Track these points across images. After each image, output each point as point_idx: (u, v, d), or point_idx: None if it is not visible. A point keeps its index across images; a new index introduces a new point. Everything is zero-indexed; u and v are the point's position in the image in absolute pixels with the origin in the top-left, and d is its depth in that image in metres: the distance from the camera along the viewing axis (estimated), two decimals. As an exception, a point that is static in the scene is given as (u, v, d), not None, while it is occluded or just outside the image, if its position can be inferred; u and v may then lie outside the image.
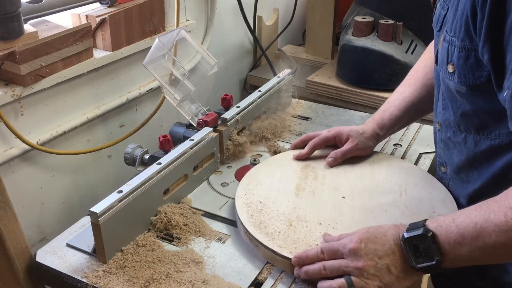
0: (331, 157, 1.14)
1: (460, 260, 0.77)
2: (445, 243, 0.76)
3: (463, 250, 0.75)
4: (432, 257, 0.77)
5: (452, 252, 0.76)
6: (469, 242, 0.74)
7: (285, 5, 2.22)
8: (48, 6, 1.26)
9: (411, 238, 0.78)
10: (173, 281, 0.88)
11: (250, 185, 1.08)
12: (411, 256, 0.79)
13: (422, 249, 0.77)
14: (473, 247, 0.74)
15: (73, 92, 1.30)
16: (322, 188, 1.06)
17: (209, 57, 1.25)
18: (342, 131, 1.16)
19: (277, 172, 1.12)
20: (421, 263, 0.78)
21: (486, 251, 0.74)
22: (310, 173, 1.11)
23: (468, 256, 0.76)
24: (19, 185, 1.22)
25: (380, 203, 1.02)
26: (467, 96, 0.85)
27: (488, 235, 0.73)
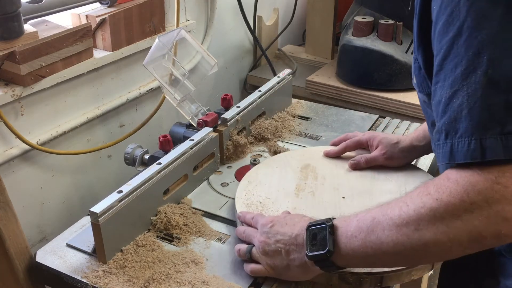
0: (355, 160, 1.13)
1: (353, 256, 0.77)
2: (342, 236, 0.77)
3: (357, 243, 0.76)
4: (325, 246, 0.77)
5: (346, 245, 0.77)
6: (364, 235, 0.75)
7: (285, 5, 2.22)
8: (48, 6, 1.26)
9: (313, 227, 0.81)
10: (173, 281, 0.88)
11: (250, 185, 1.08)
12: (308, 244, 0.80)
13: (319, 238, 0.79)
14: (367, 241, 0.75)
15: (73, 92, 1.30)
16: (322, 189, 1.06)
17: (209, 57, 1.25)
18: (376, 137, 1.14)
19: (277, 172, 1.12)
20: (314, 251, 0.79)
21: (378, 247, 0.74)
22: (310, 174, 1.11)
23: (361, 252, 0.75)
24: (19, 185, 1.22)
25: (380, 202, 1.00)
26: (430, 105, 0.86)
27: (382, 229, 0.73)
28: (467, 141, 0.67)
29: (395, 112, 1.69)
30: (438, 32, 0.71)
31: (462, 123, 0.67)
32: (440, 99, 0.71)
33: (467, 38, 0.67)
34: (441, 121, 0.71)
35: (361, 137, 1.16)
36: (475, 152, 0.66)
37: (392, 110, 1.70)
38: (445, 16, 0.70)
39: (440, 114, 0.71)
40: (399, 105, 1.69)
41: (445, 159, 0.70)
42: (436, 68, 0.72)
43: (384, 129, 1.38)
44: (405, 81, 1.72)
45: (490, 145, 0.65)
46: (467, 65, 0.67)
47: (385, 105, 1.72)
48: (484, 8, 0.66)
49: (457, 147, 0.68)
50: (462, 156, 0.67)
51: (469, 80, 0.67)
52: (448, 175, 0.70)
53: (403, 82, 1.72)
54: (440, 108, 0.71)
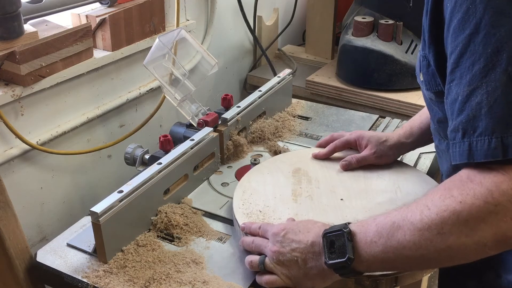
0: (346, 161, 1.12)
1: (374, 262, 0.75)
2: (362, 242, 0.76)
3: (377, 249, 0.74)
4: (345, 254, 0.76)
5: (366, 251, 0.75)
6: (384, 241, 0.73)
7: (285, 5, 2.22)
8: (48, 6, 1.26)
9: (330, 234, 0.79)
10: (174, 281, 0.88)
11: (245, 194, 1.05)
12: (326, 252, 0.78)
13: (337, 246, 0.77)
14: (387, 246, 0.73)
15: (73, 92, 1.30)
16: (318, 192, 1.05)
17: (209, 57, 1.25)
18: (364, 136, 1.13)
19: (269, 179, 1.10)
20: (333, 259, 0.77)
21: (399, 251, 0.72)
22: (302, 177, 1.10)
23: (382, 257, 0.74)
24: (19, 185, 1.21)
25: (378, 202, 1.02)
26: (438, 103, 0.86)
27: (403, 233, 0.72)
28: (487, 139, 0.66)
29: (395, 112, 1.69)
30: (453, 30, 0.71)
31: (482, 121, 0.66)
32: (456, 97, 0.70)
33: (485, 36, 0.66)
34: (458, 120, 0.70)
35: (349, 137, 1.16)
36: (496, 150, 0.65)
37: (392, 110, 1.70)
38: (461, 13, 0.69)
39: (456, 112, 0.70)
40: (399, 105, 1.69)
41: (463, 158, 0.69)
42: (451, 66, 0.72)
43: (384, 129, 1.38)
44: (405, 81, 1.72)
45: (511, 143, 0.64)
46: (485, 62, 0.66)
47: (385, 105, 1.72)
48: (502, 4, 0.66)
49: (476, 145, 0.67)
50: (482, 155, 0.66)
51: (488, 78, 0.66)
52: (470, 176, 0.69)
53: (403, 82, 1.72)
54: (456, 107, 0.70)
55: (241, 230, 0.95)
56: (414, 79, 1.67)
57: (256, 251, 0.89)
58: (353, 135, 1.15)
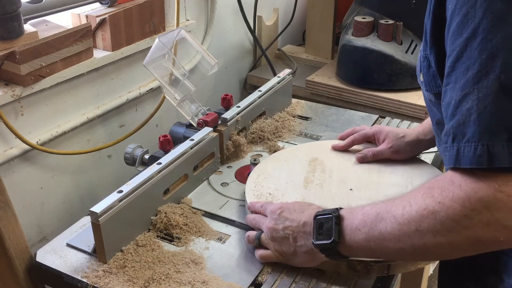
0: (362, 154, 1.14)
1: (357, 248, 0.79)
2: (347, 228, 0.80)
3: (360, 236, 0.78)
4: (330, 236, 0.80)
5: (351, 236, 0.79)
6: (367, 229, 0.77)
7: (285, 5, 2.22)
8: (48, 6, 1.26)
9: (320, 216, 0.83)
10: (173, 281, 0.88)
11: (259, 177, 1.09)
12: (315, 232, 0.82)
13: (325, 228, 0.81)
14: (370, 235, 0.77)
15: (73, 92, 1.30)
16: (330, 181, 1.07)
17: (209, 57, 1.25)
18: (382, 130, 1.15)
19: (285, 165, 1.14)
20: (320, 240, 0.81)
21: (380, 242, 0.76)
22: (318, 167, 1.13)
23: (365, 245, 0.78)
24: (19, 185, 1.22)
25: (386, 194, 1.03)
26: (437, 104, 0.85)
27: (385, 225, 0.75)
28: (474, 146, 0.66)
29: (395, 112, 1.69)
30: (452, 33, 0.70)
31: (470, 127, 0.67)
32: (450, 101, 0.70)
33: (482, 41, 0.66)
34: (450, 124, 0.70)
35: (368, 131, 1.18)
36: (481, 158, 0.65)
37: (392, 110, 1.70)
38: (460, 16, 0.69)
39: (449, 116, 0.71)
40: (399, 105, 1.69)
41: (451, 163, 0.69)
42: (447, 69, 0.72)
43: (384, 129, 1.38)
44: (405, 81, 1.72)
45: (497, 152, 0.64)
46: (479, 68, 0.66)
47: (385, 105, 1.72)
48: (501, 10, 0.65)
49: (463, 151, 0.67)
50: (467, 161, 0.67)
51: (481, 84, 0.66)
52: (453, 178, 0.70)
53: (403, 82, 1.72)
54: (449, 111, 0.71)
55: (248, 208, 1.00)
56: (414, 79, 1.68)
57: (256, 227, 0.94)
58: (372, 129, 1.18)
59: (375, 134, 1.16)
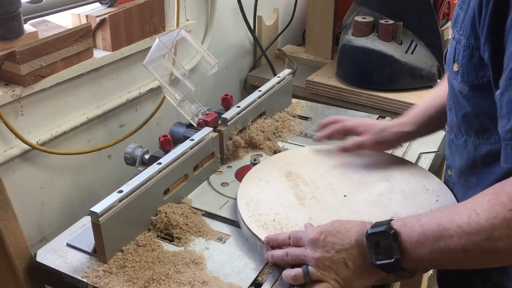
0: (345, 144, 1.13)
1: (421, 261, 0.76)
2: (407, 242, 0.76)
3: (424, 250, 0.74)
4: (392, 255, 0.76)
5: (413, 251, 0.75)
6: (430, 242, 0.74)
7: (285, 5, 2.22)
8: (48, 6, 1.26)
9: (373, 234, 0.78)
10: (173, 281, 0.88)
11: (250, 206, 1.02)
12: (372, 252, 0.78)
13: (383, 246, 0.77)
14: (434, 248, 0.73)
15: (73, 92, 1.30)
16: (320, 192, 1.05)
17: (209, 57, 1.25)
18: (362, 122, 1.14)
19: (266, 187, 1.07)
20: (381, 260, 0.77)
21: (447, 253, 0.73)
22: (297, 180, 1.09)
23: (429, 258, 0.75)
24: (19, 185, 1.22)
25: (379, 193, 1.04)
26: (469, 97, 0.84)
27: (450, 236, 0.72)
28: None
29: (395, 112, 1.69)
30: None
31: None
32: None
33: None
34: None
35: (347, 123, 1.16)
36: None
37: (392, 110, 1.70)
38: None
39: None
40: (399, 105, 1.69)
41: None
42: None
43: (384, 129, 1.38)
44: (405, 81, 1.72)
45: None
46: None
47: (385, 105, 1.72)
48: None
49: None
50: None
51: None
52: None
53: (403, 82, 1.72)
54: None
55: (266, 244, 0.90)
56: (414, 79, 1.68)
57: (293, 263, 0.85)
58: (351, 122, 1.15)
59: (354, 128, 1.14)
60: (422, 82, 1.74)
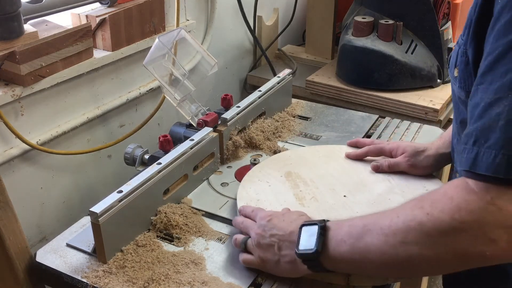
0: (378, 163, 1.10)
1: (340, 260, 0.77)
2: (332, 239, 0.78)
3: (344, 248, 0.76)
4: (313, 245, 0.78)
5: (335, 248, 0.77)
6: (352, 241, 0.75)
7: (285, 5, 2.22)
8: (48, 6, 1.26)
9: (306, 225, 0.82)
10: (173, 282, 0.88)
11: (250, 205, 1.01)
12: (299, 241, 0.81)
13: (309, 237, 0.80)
14: (355, 247, 0.75)
15: (73, 92, 1.30)
16: (320, 192, 1.05)
17: (209, 57, 1.25)
18: (400, 145, 1.11)
19: (266, 187, 1.07)
20: (302, 249, 0.80)
21: (365, 254, 0.74)
22: (297, 180, 1.09)
23: (348, 258, 0.76)
24: (19, 185, 1.22)
25: (378, 193, 1.04)
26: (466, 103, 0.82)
27: (371, 237, 0.73)
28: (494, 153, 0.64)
29: (395, 112, 1.69)
30: (498, 31, 0.67)
31: (495, 133, 0.64)
32: (479, 102, 0.68)
33: None
34: (474, 126, 0.68)
35: (385, 146, 1.13)
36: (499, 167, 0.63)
37: (392, 110, 1.70)
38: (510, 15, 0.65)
39: (475, 117, 0.68)
40: (399, 105, 1.69)
41: (467, 166, 0.67)
42: (484, 68, 0.69)
43: (384, 129, 1.38)
44: (405, 81, 1.72)
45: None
46: None
47: (385, 105, 1.72)
48: None
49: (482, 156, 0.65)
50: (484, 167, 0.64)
51: None
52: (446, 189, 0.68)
53: (403, 82, 1.72)
54: (476, 111, 0.68)
55: (238, 211, 0.99)
56: (414, 79, 1.68)
57: (243, 231, 0.93)
58: (389, 145, 1.13)
59: (391, 150, 1.12)
60: (422, 82, 1.74)
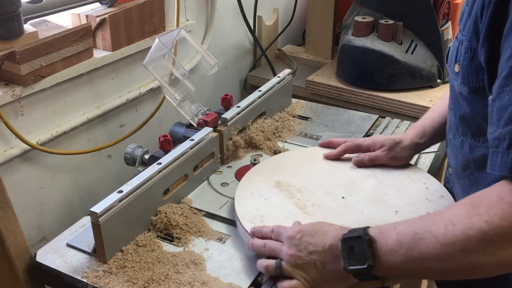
0: (359, 158, 1.12)
1: (394, 270, 0.76)
2: (382, 249, 0.75)
3: (398, 258, 0.74)
4: (365, 261, 0.75)
5: (387, 259, 0.75)
6: (405, 251, 0.73)
7: (285, 5, 2.22)
8: (48, 6, 1.26)
9: (348, 238, 0.78)
10: (173, 282, 0.88)
11: (256, 223, 0.96)
12: (345, 257, 0.77)
13: (357, 252, 0.76)
14: (408, 256, 0.73)
15: (73, 92, 1.30)
16: (318, 198, 1.03)
17: (209, 57, 1.25)
18: (377, 140, 1.12)
19: (262, 201, 1.03)
20: (353, 265, 0.77)
21: (421, 263, 0.73)
22: (290, 189, 1.06)
23: (402, 266, 0.74)
24: (19, 185, 1.22)
25: (372, 189, 1.05)
26: (468, 99, 0.84)
27: (425, 246, 0.72)
28: None
29: (395, 112, 1.69)
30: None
31: None
32: (508, 104, 0.67)
33: None
34: (506, 129, 0.67)
35: (362, 142, 1.15)
36: None
37: (392, 110, 1.70)
38: None
39: (505, 120, 0.68)
40: (399, 105, 1.69)
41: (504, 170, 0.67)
42: (507, 70, 0.68)
43: (384, 129, 1.38)
44: (405, 81, 1.72)
45: None
46: None
47: (385, 105, 1.72)
48: None
49: None
50: None
51: None
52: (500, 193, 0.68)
53: (403, 82, 1.72)
54: (506, 114, 0.68)
55: (251, 234, 0.92)
56: (414, 79, 1.68)
57: (269, 254, 0.87)
58: (366, 142, 1.14)
59: (369, 146, 1.13)
60: (422, 82, 1.74)
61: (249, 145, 1.29)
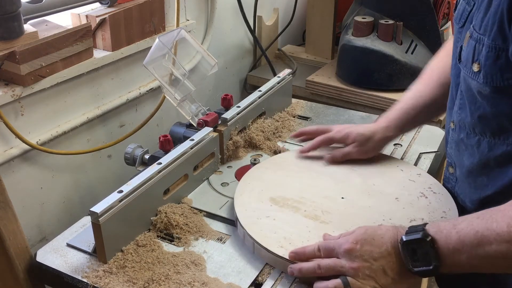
0: (332, 155, 1.14)
1: (458, 267, 0.76)
2: (444, 249, 0.76)
3: (462, 257, 0.75)
4: (430, 262, 0.76)
5: (451, 258, 0.76)
6: (468, 249, 0.74)
7: (285, 5, 2.22)
8: (48, 6, 1.26)
9: (410, 241, 0.78)
10: (173, 282, 0.88)
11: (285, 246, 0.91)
12: (409, 259, 0.78)
13: (420, 253, 0.77)
14: (473, 254, 0.74)
15: (73, 92, 1.30)
16: (321, 204, 1.01)
17: (209, 57, 1.25)
18: (350, 134, 1.13)
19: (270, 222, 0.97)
20: (418, 267, 0.77)
21: (485, 260, 0.73)
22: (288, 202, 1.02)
23: (467, 263, 0.75)
24: (19, 185, 1.22)
25: (362, 183, 1.07)
26: (489, 98, 0.82)
27: (489, 244, 0.72)
28: None
29: (395, 112, 1.69)
30: None
31: None
32: None
33: None
34: None
35: (335, 135, 1.15)
36: None
37: (392, 110, 1.70)
38: None
39: None
40: (399, 105, 1.69)
41: None
42: None
43: (384, 129, 1.38)
44: (405, 81, 1.72)
45: None
46: None
47: (385, 105, 1.71)
48: None
49: None
50: None
51: None
52: None
53: (403, 82, 1.72)
54: None
55: (292, 259, 0.86)
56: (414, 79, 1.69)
57: (327, 274, 0.82)
58: (339, 134, 1.15)
59: (341, 140, 1.15)
60: (422, 82, 1.74)
61: (249, 145, 1.29)
